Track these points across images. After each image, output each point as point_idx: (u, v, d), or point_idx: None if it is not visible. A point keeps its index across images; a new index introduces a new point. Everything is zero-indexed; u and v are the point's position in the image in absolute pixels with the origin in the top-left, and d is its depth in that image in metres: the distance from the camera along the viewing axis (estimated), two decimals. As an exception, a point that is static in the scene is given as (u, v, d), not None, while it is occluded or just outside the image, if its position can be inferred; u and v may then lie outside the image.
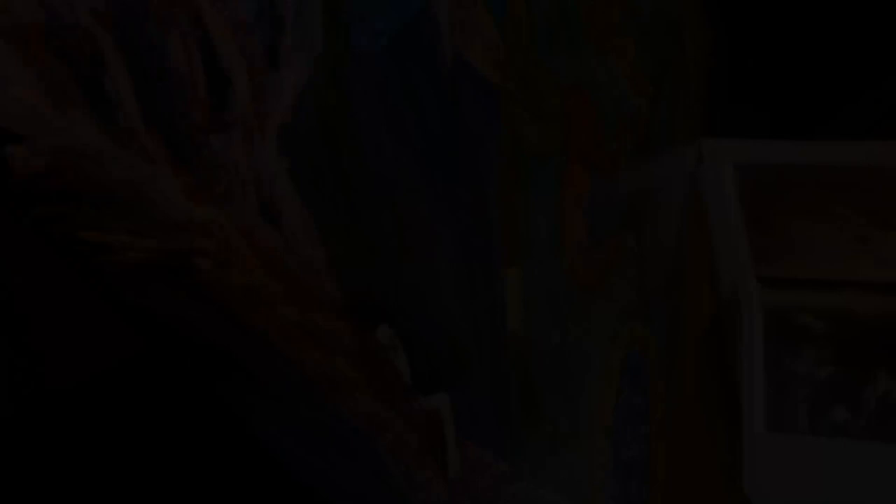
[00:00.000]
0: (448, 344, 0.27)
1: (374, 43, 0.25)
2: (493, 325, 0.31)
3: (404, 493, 0.25)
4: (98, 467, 0.23)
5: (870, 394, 0.58)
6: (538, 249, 0.37)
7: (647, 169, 0.60)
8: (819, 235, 0.71)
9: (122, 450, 0.23)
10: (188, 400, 0.20)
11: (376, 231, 0.24)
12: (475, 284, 0.30)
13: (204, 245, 0.17)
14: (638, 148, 0.58)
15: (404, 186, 0.26)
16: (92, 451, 0.23)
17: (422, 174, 0.27)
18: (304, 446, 0.23)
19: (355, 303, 0.22)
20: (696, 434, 0.61)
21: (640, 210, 0.57)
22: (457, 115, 0.30)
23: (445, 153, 0.29)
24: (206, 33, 0.17)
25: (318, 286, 0.20)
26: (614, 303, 0.49)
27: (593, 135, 0.48)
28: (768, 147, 0.79)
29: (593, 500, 0.43)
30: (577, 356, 0.41)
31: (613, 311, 0.48)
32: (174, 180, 0.16)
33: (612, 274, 0.49)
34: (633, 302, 0.53)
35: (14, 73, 0.14)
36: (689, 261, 0.73)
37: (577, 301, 0.42)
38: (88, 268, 0.16)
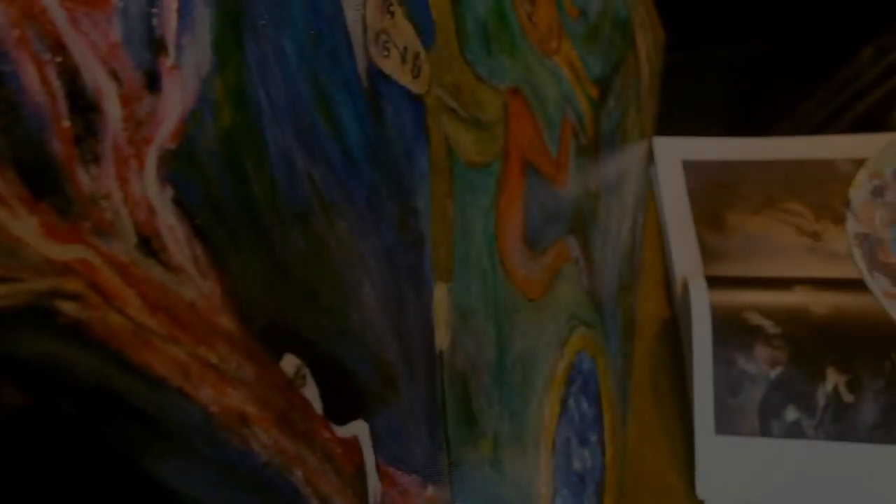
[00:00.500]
0: (370, 367, 0.26)
1: (279, 57, 0.24)
2: (423, 344, 0.31)
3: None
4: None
5: (821, 393, 0.58)
6: (474, 261, 0.36)
7: (596, 171, 0.60)
8: (772, 232, 0.71)
9: None
10: (75, 448, 0.19)
11: (285, 256, 0.23)
12: (402, 303, 0.29)
13: (70, 287, 0.16)
14: (585, 150, 0.57)
15: (319, 206, 0.25)
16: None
17: (340, 192, 0.26)
18: (211, 486, 0.21)
19: (256, 334, 0.21)
20: (653, 439, 0.61)
21: (589, 213, 0.56)
22: (378, 129, 0.29)
23: (367, 169, 0.28)
24: (67, 57, 0.16)
25: (213, 320, 0.19)
26: (560, 310, 0.48)
27: (535, 139, 0.47)
28: (720, 144, 0.80)
29: (540, 515, 0.42)
30: (519, 368, 0.40)
31: (559, 319, 0.48)
32: (30, 219, 0.15)
33: (557, 281, 0.48)
34: (583, 307, 0.53)
35: None
36: (644, 262, 0.72)
37: (518, 311, 0.41)
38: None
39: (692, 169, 0.79)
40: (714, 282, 0.63)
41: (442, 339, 0.32)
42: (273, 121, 0.23)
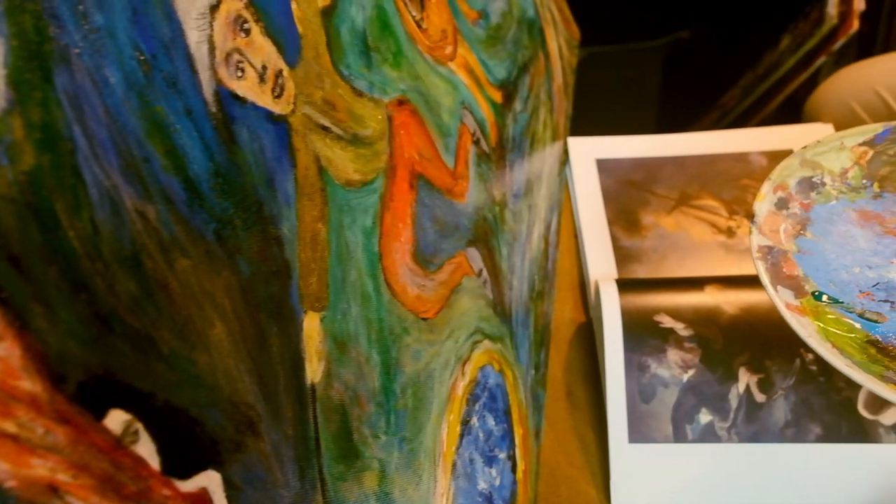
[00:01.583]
0: (222, 413, 0.25)
1: (100, 88, 0.23)
2: (291, 380, 0.29)
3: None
4: None
5: (733, 394, 0.58)
6: (353, 285, 0.35)
7: (502, 177, 0.59)
8: (686, 231, 0.71)
9: None
10: None
11: (110, 304, 0.21)
12: (263, 339, 0.28)
13: None
14: (488, 157, 0.57)
15: (156, 246, 0.23)
16: None
17: (183, 228, 0.25)
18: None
19: (70, 394, 0.19)
20: (568, 448, 0.60)
21: (493, 222, 0.56)
22: (230, 155, 0.28)
23: (216, 199, 0.27)
24: None
25: (9, 384, 0.18)
26: (460, 326, 0.47)
27: (427, 150, 0.46)
28: (633, 142, 0.80)
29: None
30: (410, 393, 0.39)
31: (459, 336, 0.47)
32: None
33: (456, 296, 0.47)
34: (488, 320, 0.52)
35: None
36: (560, 265, 0.72)
37: (408, 332, 0.40)
38: None
39: (606, 169, 0.80)
40: (626, 285, 0.63)
41: (314, 372, 0.31)
42: (92, 158, 0.22)
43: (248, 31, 0.31)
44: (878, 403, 0.58)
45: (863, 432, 0.57)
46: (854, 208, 0.50)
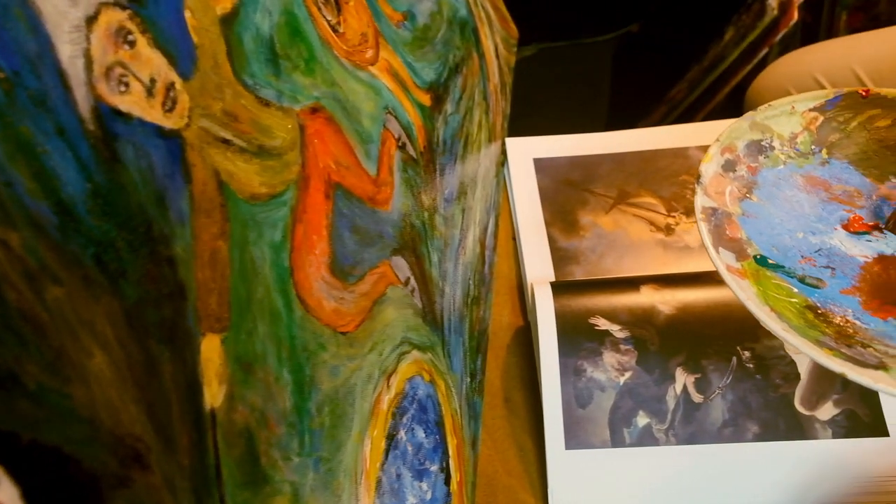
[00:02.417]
0: (103, 449, 0.24)
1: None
2: (186, 407, 0.28)
3: None
4: None
5: (670, 395, 0.58)
6: (260, 303, 0.35)
7: (431, 182, 0.58)
8: (624, 230, 0.71)
9: None
10: None
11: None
12: (153, 365, 0.27)
13: None
14: (415, 162, 0.56)
15: (20, 276, 0.22)
16: None
17: (54, 255, 0.24)
18: None
19: None
20: (506, 457, 0.60)
21: (422, 228, 0.55)
22: (111, 175, 0.27)
23: (95, 222, 0.26)
24: None
25: None
26: (384, 338, 0.47)
27: (345, 158, 0.46)
28: (571, 141, 0.80)
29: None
30: (327, 411, 0.39)
31: (383, 348, 0.46)
32: None
33: (379, 307, 0.46)
34: (416, 330, 0.51)
35: None
36: (498, 269, 0.72)
37: (325, 348, 0.40)
38: None
39: (544, 168, 0.79)
40: (560, 287, 0.62)
41: (214, 397, 0.30)
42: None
43: (132, 44, 0.30)
44: (815, 399, 0.58)
45: (800, 429, 0.58)
46: (801, 174, 0.51)
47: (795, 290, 0.44)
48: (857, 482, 0.57)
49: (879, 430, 0.58)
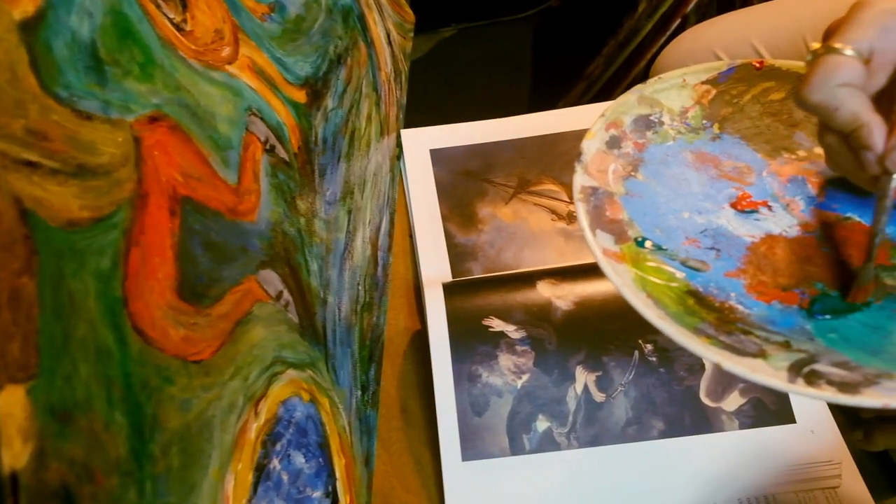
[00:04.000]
0: None
1: None
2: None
3: None
4: None
5: (570, 396, 0.57)
6: (81, 341, 0.32)
7: (309, 185, 0.56)
8: (524, 221, 0.70)
9: None
10: None
11: None
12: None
13: None
14: (288, 165, 0.53)
15: None
16: None
17: None
18: None
19: None
20: (403, 470, 0.58)
21: (297, 237, 0.53)
22: None
23: None
24: None
25: None
26: (250, 361, 0.44)
27: (196, 169, 0.43)
28: (468, 129, 0.78)
29: None
30: (176, 451, 0.36)
31: (249, 372, 0.44)
32: None
33: (243, 328, 0.44)
34: (291, 347, 0.49)
35: None
36: (395, 270, 0.69)
37: (172, 381, 0.37)
38: None
39: (441, 159, 0.77)
40: (453, 288, 0.61)
41: (15, 457, 0.27)
42: None
43: None
44: (720, 390, 0.58)
45: (706, 422, 0.57)
46: (691, 150, 0.49)
47: (677, 273, 0.42)
48: (770, 472, 0.56)
49: (786, 417, 0.57)
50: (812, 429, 0.57)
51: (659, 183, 0.47)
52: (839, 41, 0.39)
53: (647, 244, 0.44)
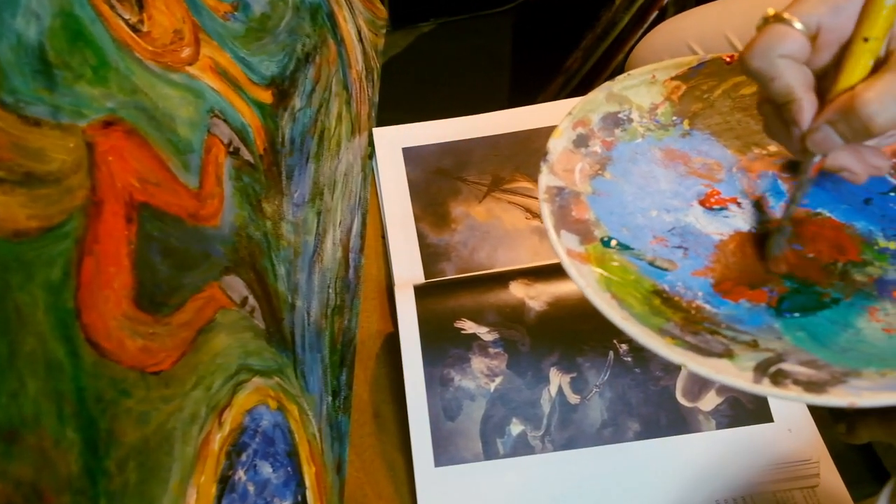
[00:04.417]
0: None
1: None
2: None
3: None
4: None
5: (545, 398, 0.56)
6: (29, 356, 0.31)
7: (276, 187, 0.55)
8: (498, 219, 0.69)
9: None
10: None
11: None
12: None
13: None
14: (253, 168, 0.52)
15: None
16: None
17: None
18: None
19: None
20: (375, 476, 0.57)
21: (263, 240, 0.52)
22: None
23: None
24: None
25: None
26: (213, 370, 0.43)
27: (154, 174, 0.42)
28: (441, 127, 0.77)
29: None
30: (133, 466, 0.35)
31: (212, 381, 0.43)
32: None
33: (206, 336, 0.43)
34: (257, 355, 0.48)
35: None
36: (367, 271, 0.69)
37: (129, 394, 0.36)
38: None
39: (414, 158, 0.77)
40: (424, 289, 0.60)
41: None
42: None
43: None
44: (697, 389, 0.57)
45: (683, 422, 0.56)
46: (660, 147, 0.49)
47: (643, 273, 0.42)
48: (747, 472, 0.56)
49: (764, 416, 0.57)
50: (790, 427, 0.57)
51: (627, 181, 0.46)
52: (789, 12, 0.38)
53: (613, 244, 0.43)
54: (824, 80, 0.40)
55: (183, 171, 0.45)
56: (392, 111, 0.86)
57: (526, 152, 0.77)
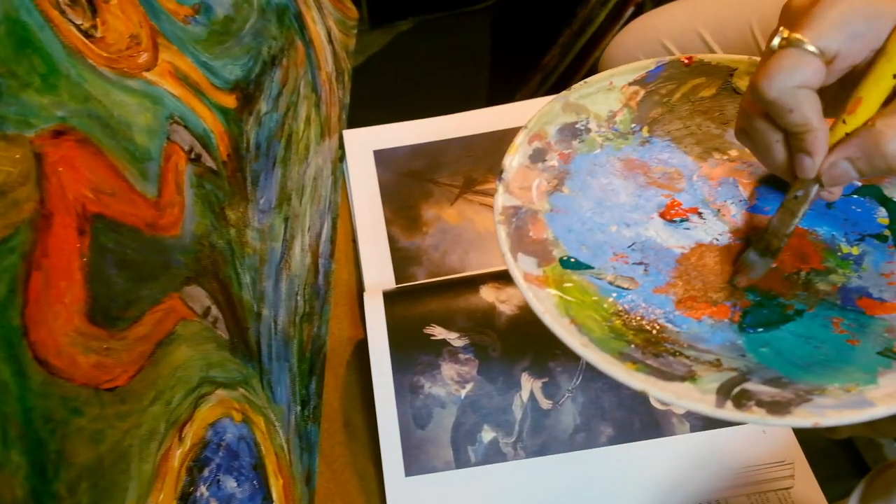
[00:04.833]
0: None
1: None
2: None
3: None
4: None
5: (517, 404, 0.56)
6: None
7: (240, 193, 0.54)
8: (469, 221, 0.68)
9: None
10: None
11: None
12: None
13: None
14: (216, 174, 0.51)
15: None
16: None
17: None
18: None
19: None
20: (346, 487, 0.56)
21: (227, 249, 0.51)
22: None
23: None
24: None
25: None
26: (173, 384, 0.42)
27: (108, 184, 0.41)
28: (412, 128, 0.76)
29: None
30: (85, 487, 0.34)
31: (172, 396, 0.42)
32: None
33: (165, 349, 0.42)
34: (220, 366, 0.47)
35: None
36: (337, 277, 0.68)
37: (81, 413, 0.35)
38: None
39: (385, 160, 0.76)
40: (393, 295, 0.59)
41: None
42: None
43: None
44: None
45: (656, 426, 0.56)
46: (619, 157, 0.48)
47: (603, 294, 0.41)
48: (722, 475, 0.55)
49: (738, 418, 0.56)
50: (764, 429, 0.56)
51: (585, 196, 0.45)
52: (806, 35, 0.36)
53: (572, 261, 0.42)
54: (823, 98, 0.38)
55: (140, 179, 0.44)
56: (370, 110, 0.85)
57: (500, 153, 0.76)
